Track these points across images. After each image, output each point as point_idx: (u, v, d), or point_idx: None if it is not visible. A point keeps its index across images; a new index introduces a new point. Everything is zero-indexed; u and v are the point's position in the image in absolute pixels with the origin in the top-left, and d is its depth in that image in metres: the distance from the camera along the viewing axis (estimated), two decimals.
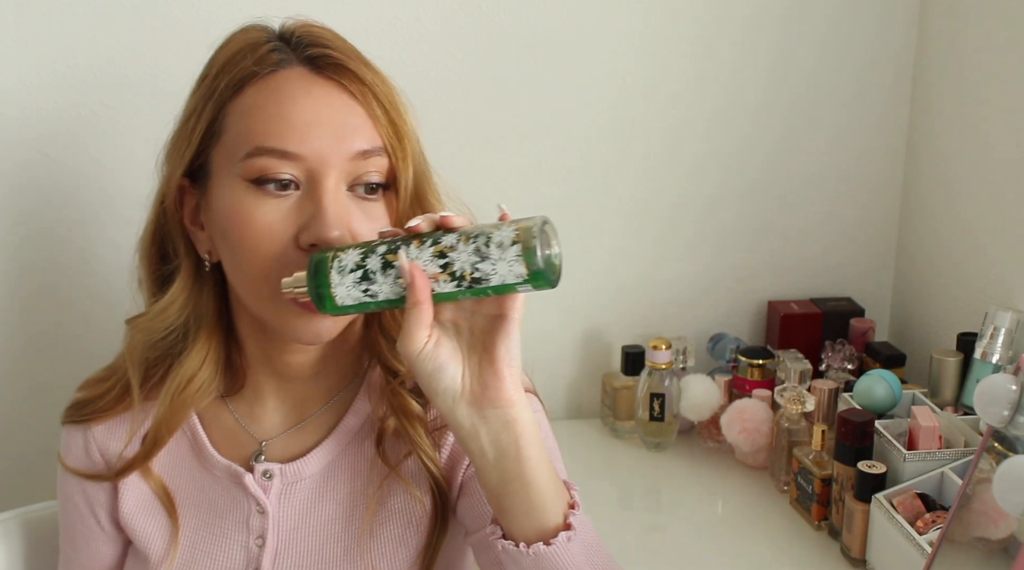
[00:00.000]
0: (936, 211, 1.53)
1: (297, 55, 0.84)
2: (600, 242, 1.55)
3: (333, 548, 0.91)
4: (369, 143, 0.82)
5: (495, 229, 0.72)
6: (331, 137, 0.81)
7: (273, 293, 0.80)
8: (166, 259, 0.91)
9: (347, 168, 0.82)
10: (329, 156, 0.80)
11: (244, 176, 0.81)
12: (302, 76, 0.83)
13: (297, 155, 0.80)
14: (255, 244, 0.81)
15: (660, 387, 1.45)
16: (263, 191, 0.81)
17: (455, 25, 1.41)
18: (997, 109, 1.38)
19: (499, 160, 1.47)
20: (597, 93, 1.48)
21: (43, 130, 1.29)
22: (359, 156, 0.82)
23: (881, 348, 1.47)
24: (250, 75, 0.83)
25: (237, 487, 0.91)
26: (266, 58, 0.83)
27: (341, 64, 0.83)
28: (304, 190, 0.81)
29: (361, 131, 0.82)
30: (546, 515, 0.76)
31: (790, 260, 1.61)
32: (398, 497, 0.91)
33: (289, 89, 0.82)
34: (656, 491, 1.44)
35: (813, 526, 1.27)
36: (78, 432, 0.95)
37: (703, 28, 1.49)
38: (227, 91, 0.83)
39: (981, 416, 0.97)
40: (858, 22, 1.52)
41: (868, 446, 1.20)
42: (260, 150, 0.80)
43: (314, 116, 0.81)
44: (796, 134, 1.56)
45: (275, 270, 0.80)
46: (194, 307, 0.89)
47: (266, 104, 0.81)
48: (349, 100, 0.82)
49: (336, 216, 0.80)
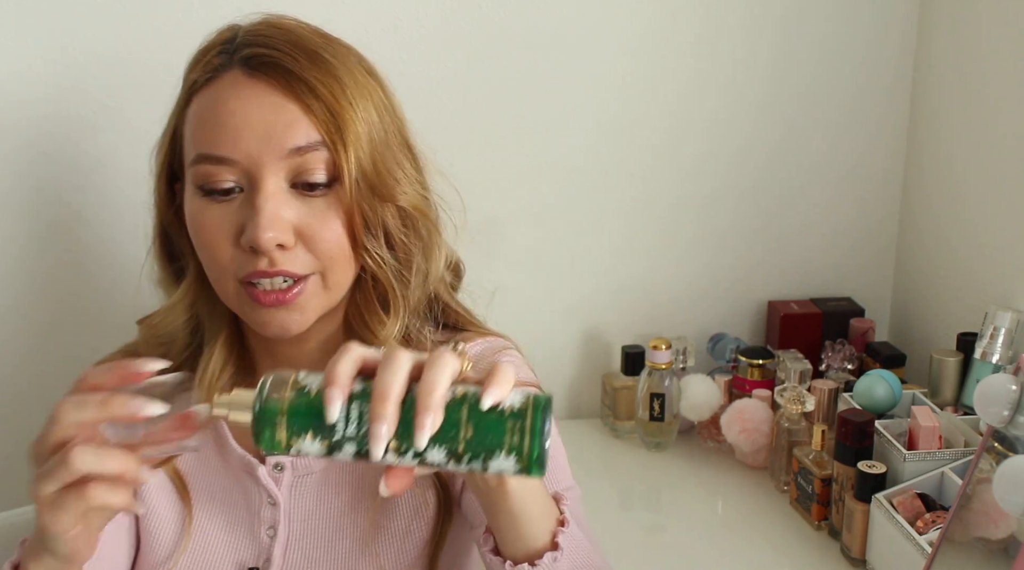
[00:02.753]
0: (936, 211, 1.53)
1: (234, 58, 0.84)
2: (600, 242, 1.55)
3: (342, 539, 0.92)
4: (305, 139, 0.82)
5: (490, 436, 0.62)
6: (261, 138, 0.81)
7: (236, 291, 0.84)
8: (175, 258, 0.93)
9: (283, 166, 0.82)
10: (261, 155, 0.81)
11: (194, 182, 0.84)
12: (235, 79, 0.83)
13: (230, 159, 0.82)
14: (208, 246, 0.84)
15: (660, 387, 1.45)
16: (208, 197, 0.83)
17: (455, 25, 1.41)
18: (997, 109, 1.38)
19: (499, 160, 1.47)
20: (597, 93, 1.48)
21: (43, 130, 1.29)
22: (294, 153, 0.82)
23: (881, 348, 1.47)
24: (193, 84, 0.86)
25: (250, 478, 0.92)
26: (208, 65, 0.85)
27: (272, 61, 0.83)
28: (246, 193, 0.83)
29: (294, 127, 0.82)
30: (533, 537, 0.75)
31: (790, 260, 1.61)
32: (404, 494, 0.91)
33: (223, 94, 0.83)
34: (656, 491, 1.44)
35: (813, 526, 1.27)
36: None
37: (703, 28, 1.49)
38: (182, 101, 0.87)
39: (981, 416, 0.97)
40: (858, 22, 1.52)
41: (868, 446, 1.20)
42: (200, 157, 0.83)
43: (243, 119, 0.81)
44: (796, 134, 1.56)
45: (230, 270, 0.83)
46: (205, 303, 0.91)
47: (204, 112, 0.84)
48: (280, 98, 0.82)
49: (270, 218, 0.81)
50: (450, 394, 0.62)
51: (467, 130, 1.44)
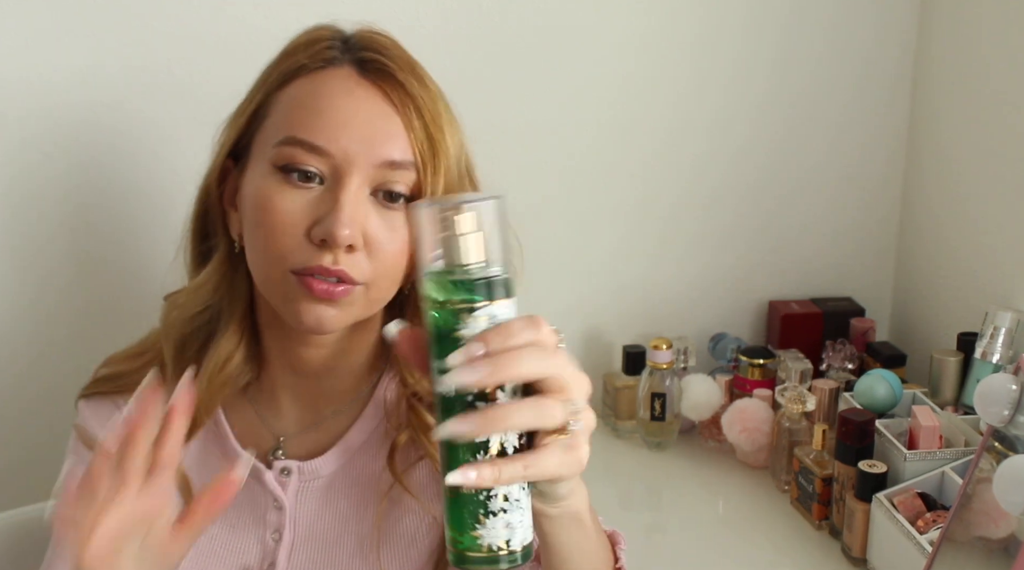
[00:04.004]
0: (936, 211, 1.53)
1: (349, 56, 0.85)
2: (600, 242, 1.55)
3: (346, 544, 0.92)
4: (400, 154, 0.83)
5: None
6: (362, 140, 0.81)
7: (283, 278, 0.82)
8: (207, 237, 0.92)
9: (373, 174, 0.82)
10: (357, 157, 0.81)
11: (273, 162, 0.83)
12: (348, 76, 0.84)
13: (325, 150, 0.81)
14: (271, 228, 0.82)
15: (661, 387, 1.45)
16: (287, 179, 0.82)
17: (455, 25, 1.40)
18: (997, 109, 1.38)
19: (499, 160, 1.46)
20: (597, 93, 1.48)
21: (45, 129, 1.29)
22: (387, 165, 0.82)
23: (881, 348, 1.47)
24: (300, 68, 0.85)
25: (255, 481, 0.92)
26: (319, 54, 0.85)
27: (387, 71, 0.84)
28: (327, 186, 0.82)
29: (394, 140, 0.83)
30: None
31: (790, 260, 1.61)
32: (407, 503, 0.92)
33: (331, 86, 0.83)
34: (657, 491, 1.44)
35: (814, 525, 1.27)
36: (108, 403, 0.95)
37: (703, 28, 1.49)
38: (277, 80, 0.86)
39: (981, 416, 0.97)
40: (858, 22, 1.52)
41: (869, 446, 1.20)
42: (291, 140, 0.82)
43: (350, 116, 0.82)
44: (796, 134, 1.56)
45: (288, 258, 0.81)
46: (228, 289, 0.90)
47: (307, 97, 0.83)
48: (388, 108, 0.83)
49: (350, 216, 0.80)
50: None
51: (467, 130, 1.44)
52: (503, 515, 0.61)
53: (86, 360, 1.01)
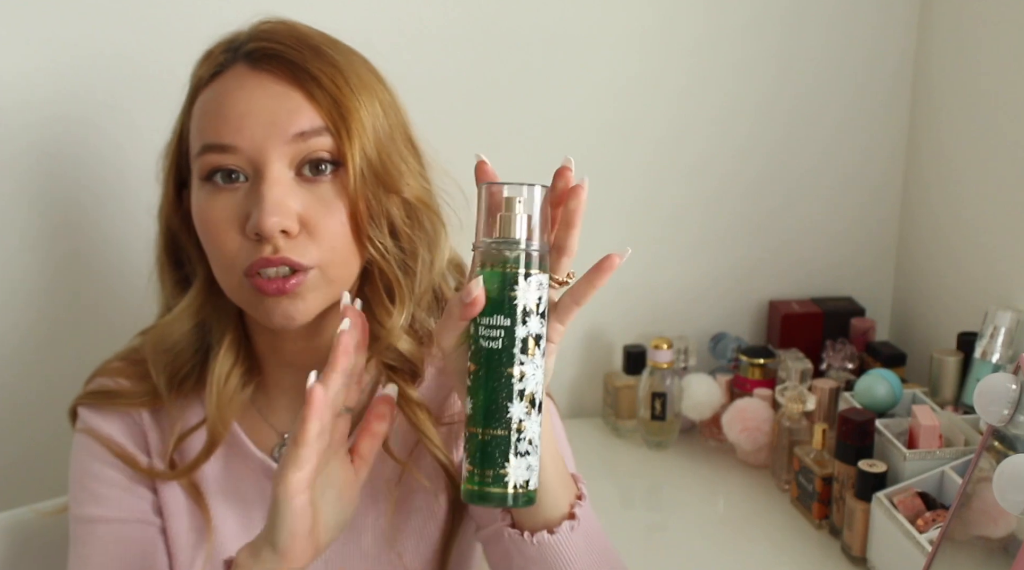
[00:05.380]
0: (936, 211, 1.53)
1: (237, 54, 0.86)
2: (600, 242, 1.54)
3: (358, 540, 0.92)
4: (308, 124, 0.83)
5: None
6: (266, 124, 0.82)
7: (240, 284, 0.84)
8: (180, 266, 0.94)
9: (288, 151, 0.83)
10: (265, 142, 0.82)
11: (199, 175, 0.85)
12: (239, 73, 0.85)
13: (234, 146, 0.82)
14: (214, 237, 0.84)
15: (661, 386, 1.45)
16: (215, 187, 0.84)
17: (456, 25, 1.41)
18: (997, 109, 1.38)
19: (499, 160, 1.46)
20: (598, 93, 1.48)
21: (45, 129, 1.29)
22: (297, 138, 0.83)
23: (881, 347, 1.47)
24: (199, 82, 0.88)
25: (266, 479, 0.93)
26: (213, 61, 0.87)
27: (276, 54, 0.85)
28: (251, 181, 0.83)
29: (298, 113, 0.83)
30: (553, 507, 0.78)
31: (791, 260, 1.62)
32: (419, 494, 0.93)
33: (226, 86, 0.85)
34: (657, 490, 1.44)
35: (814, 525, 1.28)
36: (116, 413, 0.95)
37: (704, 29, 1.49)
38: (187, 101, 0.89)
39: (981, 415, 0.97)
40: (858, 22, 1.52)
41: (869, 445, 1.20)
42: (205, 147, 0.84)
43: (249, 106, 0.83)
44: (797, 134, 1.56)
45: (236, 261, 0.83)
46: (212, 309, 0.92)
47: (208, 104, 0.85)
48: (283, 87, 0.84)
49: (275, 203, 0.81)
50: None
51: (467, 130, 1.44)
52: (527, 457, 0.68)
53: (89, 361, 1.01)
